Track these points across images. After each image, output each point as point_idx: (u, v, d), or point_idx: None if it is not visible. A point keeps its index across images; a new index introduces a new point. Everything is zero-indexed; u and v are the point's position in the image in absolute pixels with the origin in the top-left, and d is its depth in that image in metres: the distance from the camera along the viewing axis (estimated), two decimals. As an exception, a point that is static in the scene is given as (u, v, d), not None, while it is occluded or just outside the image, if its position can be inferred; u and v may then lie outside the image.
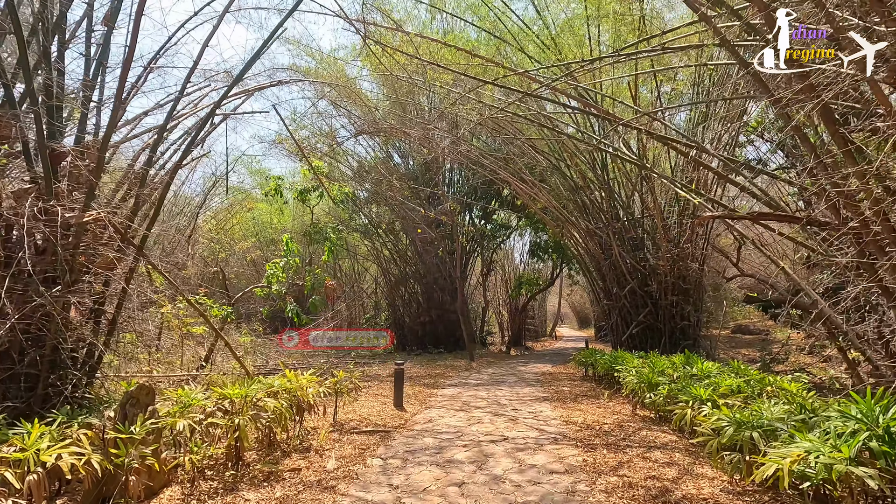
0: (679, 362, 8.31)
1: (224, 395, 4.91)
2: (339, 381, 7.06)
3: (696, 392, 5.83)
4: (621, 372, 9.02)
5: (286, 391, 5.81)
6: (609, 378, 10.19)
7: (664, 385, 7.13)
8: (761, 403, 5.05)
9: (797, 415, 4.30)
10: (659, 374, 7.78)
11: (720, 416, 4.77)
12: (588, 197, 13.18)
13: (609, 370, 9.94)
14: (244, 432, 4.52)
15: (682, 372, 7.52)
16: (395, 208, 18.59)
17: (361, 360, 15.69)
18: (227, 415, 4.81)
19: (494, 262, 25.10)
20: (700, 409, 5.47)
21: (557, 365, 15.88)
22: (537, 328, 35.70)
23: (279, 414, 5.17)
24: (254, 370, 10.42)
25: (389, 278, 21.23)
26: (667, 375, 7.65)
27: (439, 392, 9.98)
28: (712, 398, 5.61)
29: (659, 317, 12.14)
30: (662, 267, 11.67)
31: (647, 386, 7.43)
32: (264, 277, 10.86)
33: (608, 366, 9.90)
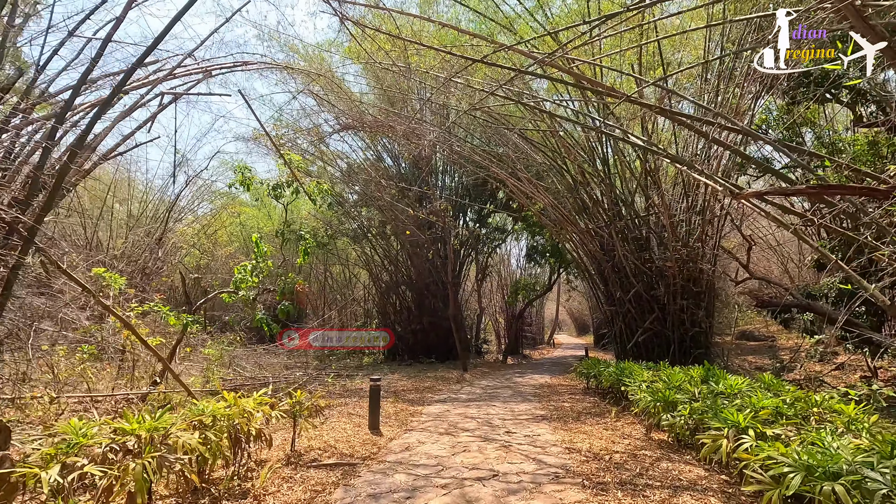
0: (697, 376, 7.14)
1: (123, 429, 3.71)
2: (299, 402, 5.85)
3: (730, 417, 4.65)
4: (630, 386, 7.85)
5: (225, 418, 4.61)
6: (615, 393, 9.01)
7: (684, 404, 5.96)
8: (820, 434, 3.87)
9: (889, 458, 3.12)
10: (676, 390, 6.61)
11: (774, 453, 3.59)
12: (588, 194, 12.06)
13: (615, 384, 8.76)
14: (140, 484, 3.32)
15: (704, 388, 6.34)
16: (384, 210, 17.44)
17: (345, 372, 14.47)
18: (127, 457, 3.61)
19: (490, 267, 23.94)
20: (740, 439, 4.29)
21: (556, 376, 14.67)
22: (535, 335, 34.47)
23: (203, 452, 3.97)
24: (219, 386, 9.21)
25: (380, 285, 20.03)
26: (685, 392, 6.48)
27: (424, 410, 8.77)
28: (754, 426, 4.43)
29: (667, 323, 10.97)
30: (671, 268, 10.52)
31: (663, 405, 6.25)
32: (231, 282, 9.68)
33: (614, 379, 8.71)
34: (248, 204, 27.08)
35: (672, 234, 10.36)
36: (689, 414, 5.66)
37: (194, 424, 4.30)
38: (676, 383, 6.82)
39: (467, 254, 21.58)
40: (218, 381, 9.66)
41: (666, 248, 11.00)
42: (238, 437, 4.61)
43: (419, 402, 9.66)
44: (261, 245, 9.66)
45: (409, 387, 11.69)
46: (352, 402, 9.13)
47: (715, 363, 11.13)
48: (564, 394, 10.63)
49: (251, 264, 9.67)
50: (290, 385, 10.63)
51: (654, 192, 11.07)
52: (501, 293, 27.31)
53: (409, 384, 12.13)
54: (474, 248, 21.52)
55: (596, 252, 12.32)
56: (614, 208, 11.78)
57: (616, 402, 9.00)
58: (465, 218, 21.51)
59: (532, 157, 13.05)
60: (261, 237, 9.61)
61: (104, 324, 9.24)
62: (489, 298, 28.12)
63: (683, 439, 5.86)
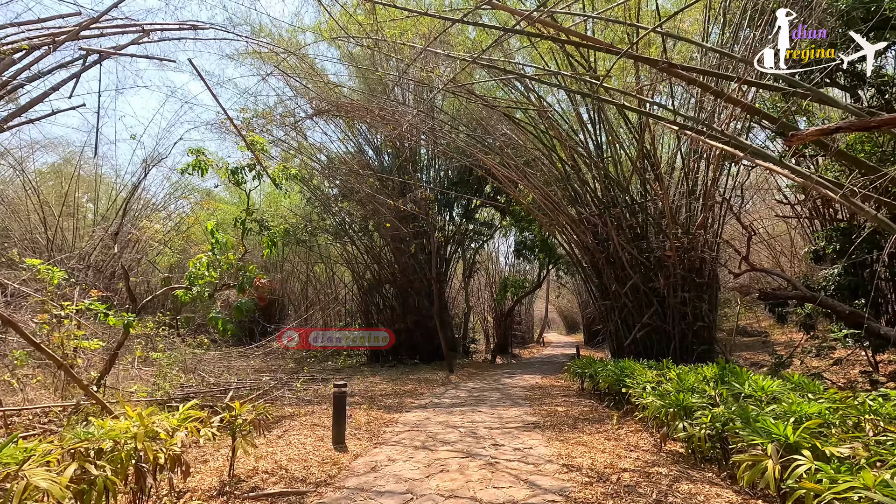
0: (711, 375, 6.15)
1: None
2: (238, 415, 4.74)
3: (772, 428, 3.64)
4: (633, 388, 6.86)
5: (125, 443, 3.50)
6: (615, 395, 8.02)
7: (703, 410, 4.96)
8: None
9: None
10: (689, 392, 5.61)
11: (858, 484, 2.58)
12: (580, 180, 11.09)
13: (615, 385, 7.76)
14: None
15: (724, 390, 5.35)
16: (365, 204, 16.33)
17: (321, 376, 13.33)
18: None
19: (478, 263, 22.92)
20: (791, 460, 3.28)
21: (548, 376, 13.67)
22: (524, 334, 33.54)
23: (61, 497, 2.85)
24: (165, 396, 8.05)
25: (362, 283, 18.90)
26: (701, 394, 5.49)
27: (402, 418, 7.70)
28: (806, 440, 3.43)
29: (667, 318, 10.01)
30: (670, 258, 9.57)
31: (676, 411, 5.24)
32: (185, 277, 8.54)
33: (614, 379, 7.71)
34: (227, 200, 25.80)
35: (671, 221, 9.41)
36: (711, 422, 4.67)
37: (73, 454, 3.19)
38: (688, 384, 5.83)
39: (454, 250, 20.54)
40: (170, 389, 8.49)
41: (665, 236, 10.06)
42: (141, 467, 3.49)
43: (397, 408, 8.58)
44: (218, 235, 8.52)
45: (388, 391, 10.60)
46: (320, 411, 8.02)
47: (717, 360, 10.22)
48: (557, 396, 9.62)
49: (207, 257, 8.53)
50: (254, 391, 9.49)
51: (651, 176, 10.12)
52: (490, 291, 26.32)
53: (388, 388, 11.04)
54: (461, 244, 20.48)
55: (589, 243, 11.35)
56: (608, 195, 10.82)
57: (616, 406, 8.01)
58: (452, 213, 20.48)
59: (520, 144, 12.07)
60: (217, 226, 8.46)
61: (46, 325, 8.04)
62: (477, 296, 27.12)
63: (703, 451, 4.86)
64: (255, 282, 7.90)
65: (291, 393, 9.74)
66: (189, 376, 11.14)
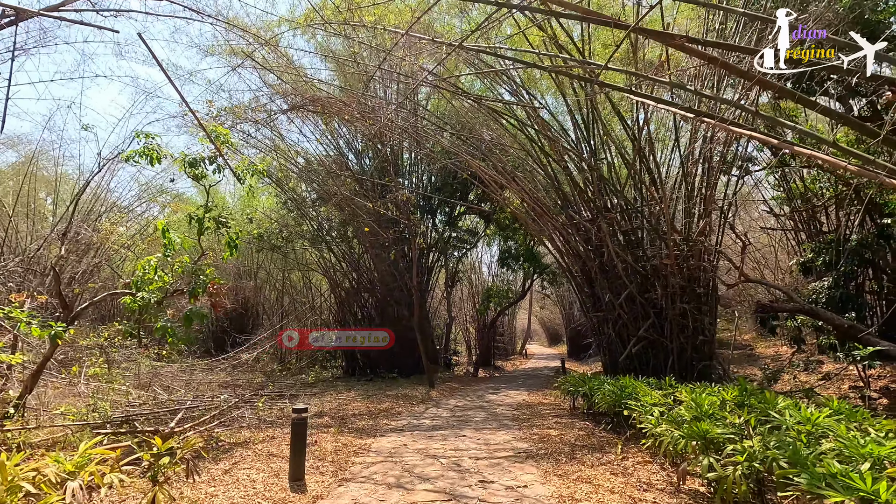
0: (732, 398, 5.32)
1: None
2: (161, 454, 3.70)
3: (857, 483, 2.78)
4: (637, 410, 6.00)
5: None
6: (614, 417, 7.14)
7: (732, 440, 4.12)
8: None
9: None
10: (709, 419, 4.76)
11: None
12: (572, 182, 10.32)
13: (614, 406, 6.88)
14: None
15: (751, 418, 4.51)
16: (344, 208, 15.32)
17: (291, 391, 12.19)
18: None
19: (461, 272, 22.02)
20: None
21: (534, 391, 12.76)
22: (507, 346, 32.67)
23: None
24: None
25: (339, 292, 17.80)
26: (721, 422, 4.65)
27: (375, 445, 6.68)
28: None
29: (665, 331, 9.23)
30: (669, 266, 8.81)
31: (700, 444, 4.37)
32: (131, 281, 7.43)
33: (613, 400, 6.84)
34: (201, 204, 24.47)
35: (670, 227, 8.67)
36: (748, 460, 3.81)
37: None
38: (707, 408, 4.98)
39: (436, 258, 19.63)
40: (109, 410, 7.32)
41: (663, 244, 9.33)
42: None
43: (370, 431, 7.55)
44: (170, 234, 7.46)
45: (362, 410, 9.55)
46: (281, 435, 6.95)
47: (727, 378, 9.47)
48: (548, 416, 8.71)
49: (157, 259, 7.45)
50: (209, 412, 8.35)
51: (647, 179, 9.40)
52: (472, 301, 25.43)
53: (363, 406, 9.99)
54: (443, 252, 19.58)
55: (580, 250, 10.55)
56: (602, 199, 10.06)
57: (615, 429, 7.14)
58: (434, 220, 19.60)
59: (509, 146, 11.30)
60: (167, 226, 7.38)
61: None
62: (459, 307, 26.21)
63: (737, 496, 3.99)
64: (209, 287, 6.85)
65: (252, 413, 8.62)
66: (141, 393, 9.93)
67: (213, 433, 6.87)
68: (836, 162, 4.09)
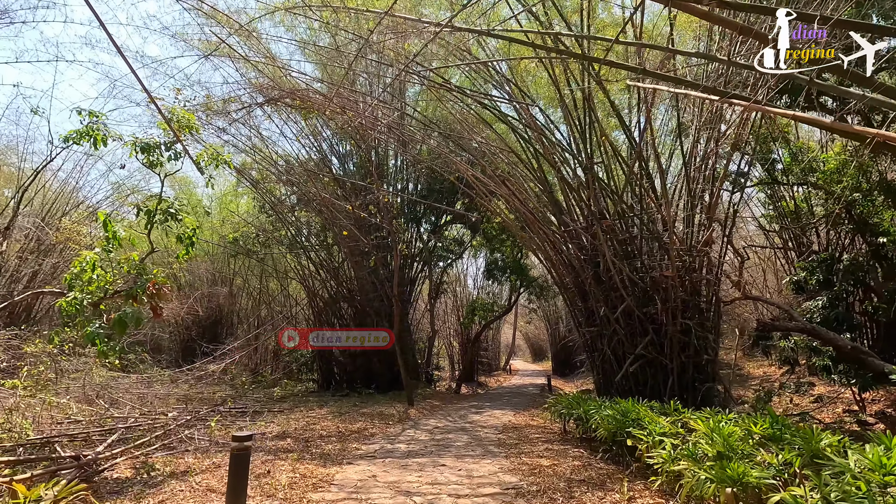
0: (761, 430, 4.48)
1: None
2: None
3: None
4: (643, 440, 5.13)
5: None
6: (613, 444, 6.24)
7: (773, 487, 3.26)
8: None
9: None
10: (737, 455, 3.91)
11: None
12: (568, 186, 9.56)
13: (615, 434, 5.99)
14: None
15: (794, 456, 3.66)
16: (323, 212, 14.37)
17: (257, 406, 11.06)
18: None
19: (445, 283, 21.09)
20: None
21: (521, 412, 11.81)
22: (490, 361, 31.68)
23: None
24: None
25: (317, 301, 16.72)
26: (751, 459, 3.80)
27: (340, 475, 5.68)
28: None
29: (664, 348, 8.42)
30: (672, 278, 8.04)
31: (735, 490, 3.50)
32: (63, 279, 6.38)
33: (615, 427, 5.95)
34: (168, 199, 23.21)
35: (672, 236, 7.91)
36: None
37: None
38: (735, 444, 4.13)
39: (420, 269, 18.70)
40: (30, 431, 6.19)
41: (664, 254, 8.58)
42: None
43: (337, 458, 6.53)
44: (112, 226, 6.44)
45: (331, 430, 8.50)
46: (230, 463, 5.89)
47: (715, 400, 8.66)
48: (538, 442, 7.78)
49: (94, 255, 6.42)
50: (152, 432, 7.23)
51: (647, 185, 8.67)
52: (457, 314, 24.48)
53: (333, 425, 8.94)
54: (428, 262, 18.67)
55: (573, 260, 9.76)
56: (598, 205, 9.30)
57: (614, 459, 6.25)
58: (419, 229, 18.73)
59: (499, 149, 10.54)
60: (109, 216, 6.36)
61: None
62: (443, 320, 25.21)
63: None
64: (148, 287, 5.83)
65: (205, 433, 7.53)
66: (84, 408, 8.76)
67: (148, 459, 5.79)
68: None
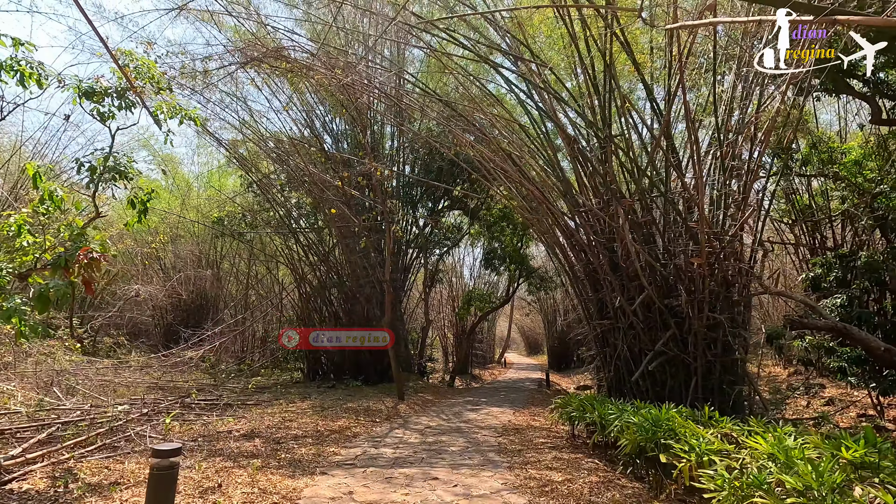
0: (852, 455, 3.41)
1: None
2: None
3: None
4: (687, 459, 4.07)
5: None
6: (638, 456, 5.17)
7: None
8: None
9: None
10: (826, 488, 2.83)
11: None
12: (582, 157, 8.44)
13: (645, 445, 4.92)
14: None
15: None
16: (313, 190, 13.19)
17: (231, 398, 9.94)
18: None
19: (441, 272, 19.99)
20: None
21: (521, 409, 10.78)
22: (485, 353, 30.73)
23: None
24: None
25: (304, 287, 15.57)
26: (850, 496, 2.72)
27: (308, 490, 4.58)
28: None
29: (688, 345, 7.36)
30: (702, 266, 6.96)
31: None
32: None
33: (645, 438, 4.87)
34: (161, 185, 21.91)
35: (703, 217, 6.82)
36: None
37: None
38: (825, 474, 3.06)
39: (415, 255, 17.59)
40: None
41: (689, 239, 7.50)
42: None
43: (309, 466, 5.44)
44: (45, 183, 5.27)
45: (308, 429, 7.40)
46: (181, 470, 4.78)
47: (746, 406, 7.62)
48: (544, 448, 6.72)
49: (23, 215, 5.25)
50: (96, 427, 6.11)
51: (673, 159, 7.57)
52: (452, 305, 23.42)
53: (311, 423, 7.84)
54: (423, 249, 17.56)
55: (585, 245, 8.66)
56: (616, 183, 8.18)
57: (637, 474, 5.20)
58: (416, 213, 17.58)
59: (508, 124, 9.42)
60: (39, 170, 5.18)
61: None
62: (438, 311, 24.16)
63: None
64: (78, 258, 4.67)
65: (162, 430, 6.41)
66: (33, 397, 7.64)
67: (76, 465, 4.68)
68: None
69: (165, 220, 18.99)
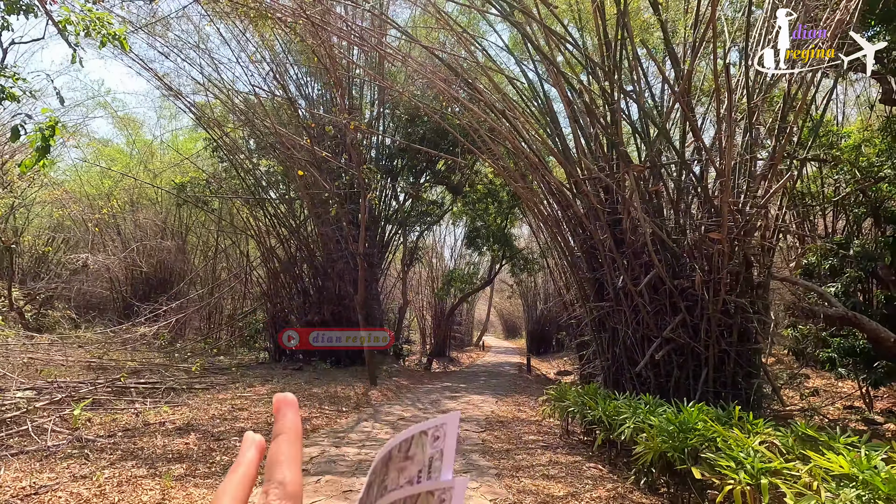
0: None
1: None
2: None
3: None
4: (736, 480, 3.01)
5: None
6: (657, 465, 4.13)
7: None
8: None
9: None
10: None
11: None
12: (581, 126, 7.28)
13: (672, 455, 3.86)
14: None
15: None
16: (279, 152, 11.72)
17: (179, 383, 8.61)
18: None
19: (420, 250, 18.77)
20: None
21: (503, 397, 9.76)
22: (463, 336, 29.84)
23: None
24: None
25: (273, 262, 14.17)
26: None
27: None
28: None
29: (699, 333, 6.37)
30: (719, 243, 5.95)
31: None
32: None
33: (673, 447, 3.82)
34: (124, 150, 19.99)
35: (727, 187, 5.77)
36: None
37: None
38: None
39: (395, 231, 16.30)
40: None
41: (707, 211, 6.48)
42: None
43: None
44: None
45: (260, 420, 6.19)
46: (68, 481, 3.53)
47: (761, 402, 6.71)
48: (535, 448, 5.68)
49: None
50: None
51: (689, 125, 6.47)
52: (431, 285, 22.31)
53: (265, 413, 6.62)
54: (403, 225, 16.28)
55: (584, 216, 7.57)
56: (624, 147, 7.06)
57: (654, 488, 4.18)
58: (396, 188, 16.23)
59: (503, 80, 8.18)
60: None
61: None
62: (416, 291, 23.02)
63: None
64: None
65: (67, 425, 5.12)
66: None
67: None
68: None
69: (120, 184, 17.18)
